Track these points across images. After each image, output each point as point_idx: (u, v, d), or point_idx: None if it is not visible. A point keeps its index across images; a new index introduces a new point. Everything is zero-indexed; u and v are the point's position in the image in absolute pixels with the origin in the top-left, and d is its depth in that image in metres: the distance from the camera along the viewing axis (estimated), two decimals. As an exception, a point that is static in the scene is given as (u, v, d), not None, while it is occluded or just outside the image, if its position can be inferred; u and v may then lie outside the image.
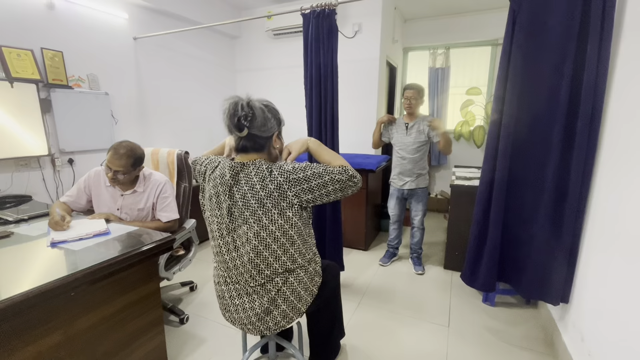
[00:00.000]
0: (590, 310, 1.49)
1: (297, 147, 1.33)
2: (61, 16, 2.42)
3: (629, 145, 1.28)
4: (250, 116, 1.14)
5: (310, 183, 1.17)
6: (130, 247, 1.37)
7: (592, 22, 1.39)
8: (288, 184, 1.16)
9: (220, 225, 1.23)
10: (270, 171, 1.18)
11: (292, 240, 1.22)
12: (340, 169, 1.21)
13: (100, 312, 1.27)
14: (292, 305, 1.29)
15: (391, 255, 2.93)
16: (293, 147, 1.33)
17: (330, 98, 2.12)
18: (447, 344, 1.88)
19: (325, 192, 1.20)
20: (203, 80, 3.75)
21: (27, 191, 2.30)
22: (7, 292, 1.01)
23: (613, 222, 1.35)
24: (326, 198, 1.21)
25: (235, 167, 1.20)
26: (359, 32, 3.39)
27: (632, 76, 1.31)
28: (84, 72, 2.59)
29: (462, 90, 4.27)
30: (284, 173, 1.17)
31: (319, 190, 1.18)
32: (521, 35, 1.56)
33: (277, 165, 1.20)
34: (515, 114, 1.63)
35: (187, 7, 3.26)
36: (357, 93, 3.47)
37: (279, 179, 1.16)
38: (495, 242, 1.76)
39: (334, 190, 1.20)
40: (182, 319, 2.05)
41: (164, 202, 1.88)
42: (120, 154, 1.69)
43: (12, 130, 2.13)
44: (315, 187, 1.18)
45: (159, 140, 3.28)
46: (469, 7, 3.92)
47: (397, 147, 2.66)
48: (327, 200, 1.22)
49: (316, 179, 1.18)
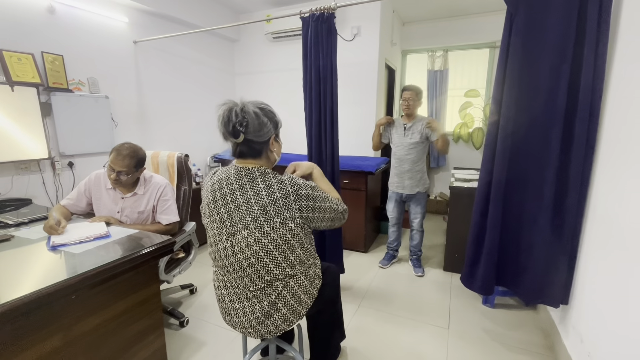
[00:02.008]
0: (590, 312, 1.49)
1: (303, 168, 1.38)
2: (62, 20, 2.43)
3: (627, 146, 1.28)
4: (245, 122, 1.14)
5: (315, 203, 1.22)
6: (131, 250, 1.37)
7: (589, 24, 1.40)
8: (295, 195, 1.18)
9: (220, 230, 1.23)
10: (280, 180, 1.19)
11: (292, 248, 1.23)
12: (337, 201, 1.30)
13: (100, 315, 1.27)
14: (292, 308, 1.29)
15: (391, 257, 2.94)
16: (300, 166, 1.38)
17: (330, 101, 2.12)
18: (447, 346, 1.88)
19: (321, 217, 1.25)
20: (203, 84, 3.76)
21: (27, 194, 2.30)
22: (7, 295, 1.01)
23: (612, 223, 1.36)
24: (319, 223, 1.27)
25: (240, 171, 1.20)
26: (357, 35, 3.41)
27: (629, 77, 1.32)
28: (84, 75, 2.60)
29: (460, 92, 4.29)
30: (295, 185, 1.19)
31: (319, 212, 1.24)
32: (518, 37, 1.57)
33: (289, 177, 1.22)
34: (513, 115, 1.64)
35: (186, 11, 3.28)
36: (356, 96, 3.48)
37: (288, 189, 1.17)
38: (494, 244, 1.77)
39: (329, 218, 1.27)
40: (182, 322, 2.05)
41: (165, 204, 1.89)
42: (124, 155, 1.71)
43: (12, 134, 2.13)
44: (317, 208, 1.22)
45: (159, 144, 3.28)
46: (466, 10, 3.94)
47: (396, 147, 2.67)
48: (319, 225, 1.28)
49: (321, 202, 1.23)
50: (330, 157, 2.20)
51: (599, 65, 1.42)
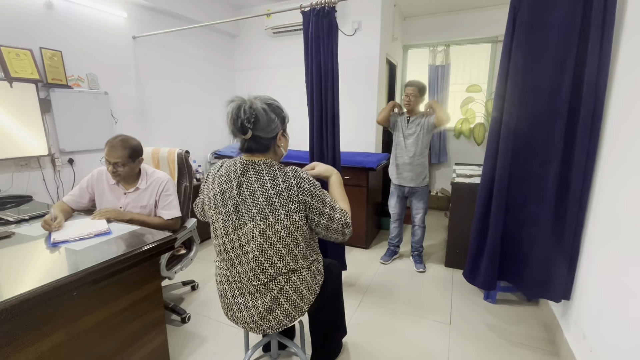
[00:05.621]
0: (592, 307, 1.49)
1: (322, 169, 1.39)
2: (60, 15, 2.41)
3: (631, 142, 1.27)
4: (253, 119, 1.14)
5: (313, 201, 1.20)
6: (132, 247, 1.36)
7: (594, 18, 1.39)
8: (298, 188, 1.17)
9: (225, 222, 1.23)
10: (285, 172, 1.19)
11: (296, 241, 1.22)
12: (341, 211, 1.24)
13: (102, 312, 1.26)
14: (294, 304, 1.29)
15: (392, 253, 2.94)
16: (319, 166, 1.39)
17: (331, 96, 2.11)
18: (449, 342, 1.88)
19: (317, 221, 1.22)
20: (203, 80, 3.74)
21: (28, 191, 2.30)
22: (8, 292, 1.01)
23: (615, 218, 1.35)
24: (314, 225, 1.24)
25: (246, 164, 1.21)
26: (358, 30, 3.38)
27: (634, 72, 1.30)
28: (83, 71, 2.58)
29: (462, 87, 4.27)
30: (298, 177, 1.19)
31: (314, 213, 1.21)
32: (522, 32, 1.55)
33: (293, 168, 1.21)
34: (516, 111, 1.63)
35: (186, 6, 3.25)
36: (357, 91, 3.46)
37: (291, 181, 1.17)
38: (496, 239, 1.76)
39: (324, 225, 1.23)
40: (183, 318, 2.05)
41: (167, 199, 1.89)
42: (116, 146, 1.73)
43: (11, 131, 2.12)
44: (314, 208, 1.20)
45: (159, 140, 3.27)
46: (468, 4, 3.90)
47: (397, 136, 2.66)
48: (314, 227, 1.25)
49: (319, 203, 1.20)
50: (331, 153, 2.18)
51: (604, 60, 1.40)
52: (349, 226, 1.25)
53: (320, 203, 1.21)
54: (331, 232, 1.24)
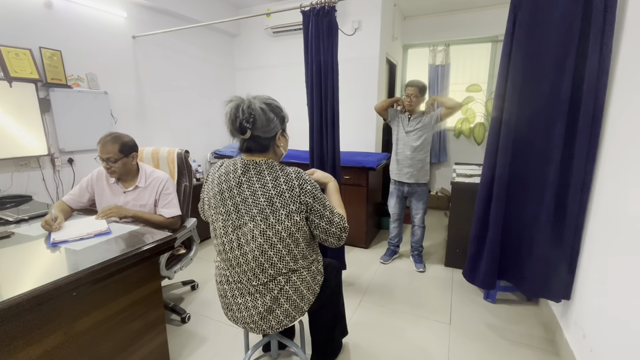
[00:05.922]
0: (592, 306, 1.49)
1: (321, 175, 1.41)
2: (59, 15, 2.40)
3: (632, 142, 1.27)
4: (252, 119, 1.14)
5: (315, 203, 1.20)
6: (131, 247, 1.36)
7: (594, 18, 1.38)
8: (300, 189, 1.18)
9: (225, 222, 1.23)
10: (287, 173, 1.19)
11: (297, 242, 1.22)
12: (340, 216, 1.27)
13: (101, 312, 1.26)
14: (294, 304, 1.29)
15: (392, 253, 2.93)
16: (317, 173, 1.42)
17: (331, 95, 2.11)
18: (449, 341, 1.88)
19: (316, 223, 1.23)
20: (203, 79, 3.74)
21: (27, 191, 2.29)
22: (8, 292, 1.01)
23: (615, 218, 1.35)
24: (313, 227, 1.25)
25: (247, 164, 1.21)
26: (358, 30, 3.37)
27: (634, 72, 1.30)
28: (83, 71, 2.58)
29: (462, 87, 4.26)
30: (300, 178, 1.19)
31: (314, 215, 1.22)
32: (522, 31, 1.55)
33: (295, 169, 1.22)
34: (516, 111, 1.62)
35: (186, 6, 3.24)
36: (357, 90, 3.46)
37: (294, 182, 1.18)
38: (496, 238, 1.76)
39: (323, 228, 1.24)
40: (183, 318, 2.05)
41: (167, 198, 1.89)
42: (106, 142, 1.76)
43: (11, 130, 2.12)
44: (315, 209, 1.21)
45: (159, 139, 3.27)
46: (468, 3, 3.90)
47: (397, 131, 2.66)
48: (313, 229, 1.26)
49: (320, 205, 1.22)
50: (331, 152, 2.18)
51: (604, 59, 1.40)
52: (346, 231, 1.28)
53: (321, 206, 1.22)
54: (329, 236, 1.26)
